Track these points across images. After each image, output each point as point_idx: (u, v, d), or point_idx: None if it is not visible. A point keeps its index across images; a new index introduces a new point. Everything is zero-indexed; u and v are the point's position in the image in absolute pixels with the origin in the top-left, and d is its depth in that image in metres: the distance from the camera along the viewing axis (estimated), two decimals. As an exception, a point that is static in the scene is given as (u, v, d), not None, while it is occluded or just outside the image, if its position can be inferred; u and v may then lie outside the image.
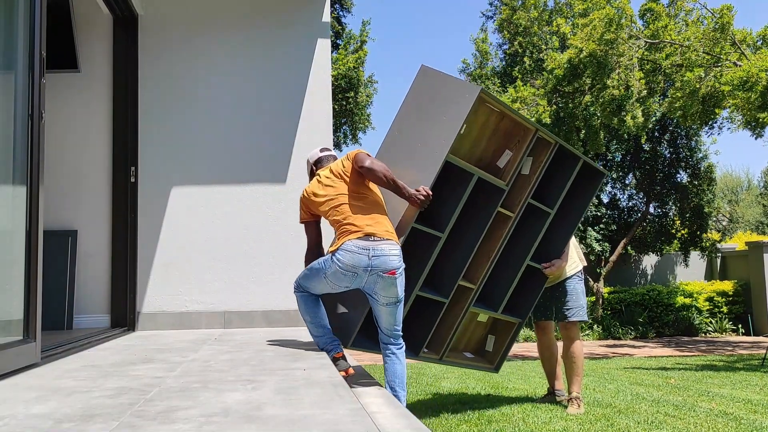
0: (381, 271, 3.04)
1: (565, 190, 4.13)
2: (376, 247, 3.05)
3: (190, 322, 4.76)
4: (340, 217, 3.14)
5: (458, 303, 3.83)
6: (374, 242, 3.05)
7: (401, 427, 2.00)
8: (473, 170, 3.50)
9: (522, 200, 3.87)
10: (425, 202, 3.22)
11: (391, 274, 3.04)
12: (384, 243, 3.07)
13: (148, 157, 4.84)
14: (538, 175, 3.91)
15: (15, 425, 1.74)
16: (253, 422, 1.74)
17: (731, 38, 9.78)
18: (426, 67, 3.64)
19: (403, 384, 3.17)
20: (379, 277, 3.05)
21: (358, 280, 3.08)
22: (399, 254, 3.10)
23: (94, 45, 4.88)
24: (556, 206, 4.10)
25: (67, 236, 4.67)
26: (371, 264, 3.03)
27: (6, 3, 2.87)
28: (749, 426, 3.96)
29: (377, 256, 3.03)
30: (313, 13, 5.06)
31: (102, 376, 2.60)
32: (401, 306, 3.16)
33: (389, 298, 3.11)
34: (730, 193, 27.42)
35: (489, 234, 3.84)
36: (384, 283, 3.06)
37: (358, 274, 3.06)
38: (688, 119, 10.07)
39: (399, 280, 3.08)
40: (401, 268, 3.10)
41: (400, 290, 3.11)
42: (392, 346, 3.20)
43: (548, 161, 3.93)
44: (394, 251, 3.08)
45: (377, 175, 3.14)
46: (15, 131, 2.82)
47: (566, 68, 10.57)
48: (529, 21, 13.37)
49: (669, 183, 14.73)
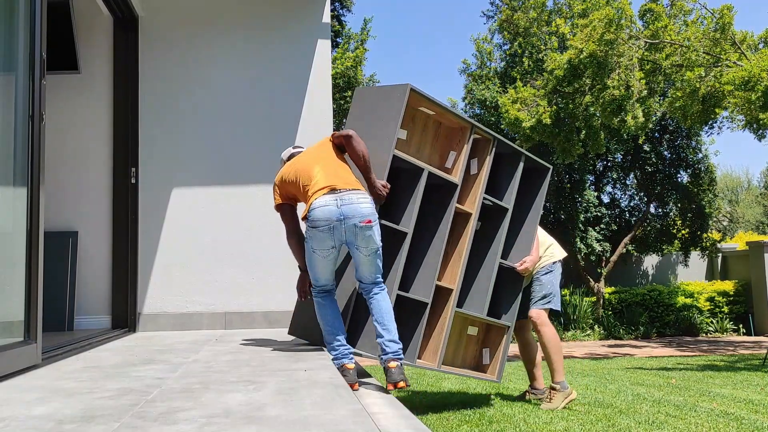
0: (357, 221, 3.07)
1: (515, 185, 4.26)
2: (342, 197, 3.10)
3: (191, 323, 4.76)
4: (309, 184, 3.21)
5: (443, 306, 3.91)
6: (339, 193, 3.11)
7: (402, 428, 2.00)
8: (422, 165, 3.65)
9: (477, 197, 4.03)
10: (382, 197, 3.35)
11: (367, 222, 3.08)
12: (350, 192, 3.13)
13: (148, 158, 4.84)
14: (486, 171, 4.05)
15: (16, 426, 1.74)
16: (254, 423, 1.74)
17: (731, 38, 9.78)
18: (359, 89, 3.87)
19: (391, 317, 3.17)
20: (356, 228, 3.08)
21: (338, 235, 3.10)
22: (369, 202, 3.15)
23: (95, 46, 4.88)
24: (511, 202, 4.22)
25: (68, 237, 4.67)
26: (342, 212, 3.07)
27: (6, 4, 2.87)
28: (750, 426, 3.96)
29: (346, 204, 3.08)
30: (313, 13, 5.06)
31: (103, 377, 2.60)
32: (380, 253, 3.20)
33: (370, 248, 3.14)
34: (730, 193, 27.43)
35: (455, 235, 3.99)
36: (362, 234, 3.10)
37: (334, 227, 3.08)
38: (688, 119, 10.07)
39: (375, 228, 3.12)
40: (375, 216, 3.14)
41: (377, 238, 3.15)
42: (375, 289, 3.21)
43: (491, 155, 4.08)
44: (362, 198, 3.14)
45: (355, 146, 3.24)
46: (16, 132, 2.82)
47: (566, 69, 10.57)
48: (528, 22, 13.37)
49: (669, 183, 14.74)
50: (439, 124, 4.04)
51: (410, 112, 3.82)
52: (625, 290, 13.95)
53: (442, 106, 3.86)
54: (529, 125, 10.96)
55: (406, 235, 3.57)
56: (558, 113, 11.06)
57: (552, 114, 10.93)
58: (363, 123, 3.69)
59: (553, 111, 10.97)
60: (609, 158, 15.08)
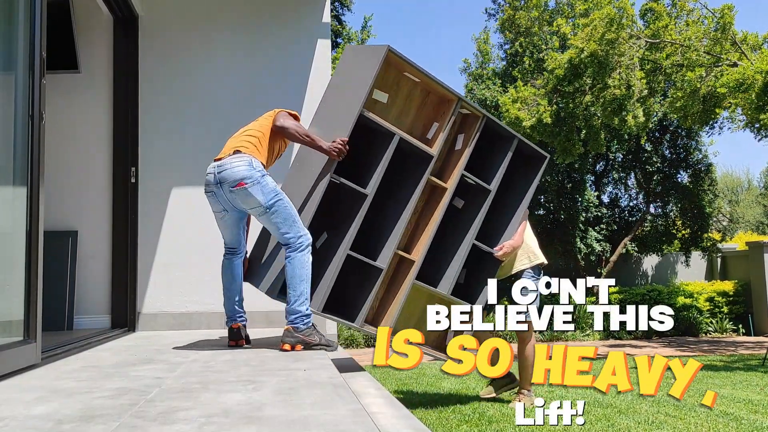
0: (230, 186, 3.19)
1: (503, 168, 4.14)
2: (222, 164, 3.26)
3: (191, 323, 4.75)
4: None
5: (401, 277, 3.88)
6: (221, 160, 3.28)
7: (402, 428, 2.00)
8: (394, 130, 3.61)
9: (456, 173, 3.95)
10: (342, 151, 3.37)
11: (239, 186, 3.18)
12: (229, 157, 3.27)
13: (148, 158, 4.83)
14: (470, 147, 3.97)
15: (15, 426, 1.74)
16: (253, 423, 1.74)
17: (732, 38, 9.78)
18: (350, 46, 3.85)
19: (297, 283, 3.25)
20: (231, 193, 3.21)
21: (221, 199, 3.28)
22: (247, 164, 3.21)
23: (95, 46, 4.88)
24: (495, 184, 4.11)
25: (68, 237, 4.67)
26: (217, 178, 3.25)
27: (6, 4, 2.87)
28: (750, 426, 3.96)
29: (221, 170, 3.24)
30: (313, 13, 5.06)
31: (102, 376, 2.60)
32: (281, 212, 3.23)
33: (255, 209, 3.24)
34: (730, 193, 27.41)
35: (428, 207, 3.96)
36: (239, 196, 3.22)
37: (215, 192, 3.28)
38: (688, 119, 10.07)
39: (254, 188, 3.18)
40: (253, 178, 3.19)
41: (261, 198, 3.19)
42: (287, 251, 3.28)
43: (478, 132, 3.99)
44: (237, 162, 3.23)
45: (290, 132, 3.37)
46: (15, 132, 2.82)
47: (567, 68, 10.57)
48: (529, 21, 13.37)
49: (669, 183, 14.73)
50: (427, 93, 3.93)
51: (395, 76, 3.77)
52: (625, 290, 13.93)
53: (425, 73, 3.78)
54: (529, 124, 10.96)
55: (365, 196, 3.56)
56: (558, 113, 11.06)
57: (552, 113, 10.93)
58: (344, 79, 3.75)
59: (553, 110, 10.97)
60: (609, 158, 15.08)
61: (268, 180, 3.25)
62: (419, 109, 3.97)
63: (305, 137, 3.38)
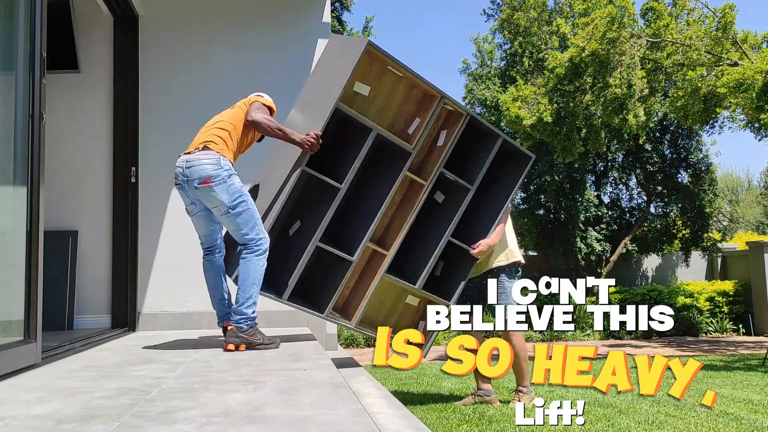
0: (196, 183, 3.21)
1: (485, 168, 4.11)
2: (189, 159, 3.26)
3: (191, 323, 4.75)
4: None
5: (373, 269, 3.89)
6: (190, 154, 3.28)
7: (402, 428, 2.00)
8: (371, 125, 3.61)
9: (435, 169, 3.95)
10: (315, 145, 3.39)
11: (205, 183, 3.19)
12: (197, 153, 3.27)
13: (148, 157, 4.83)
14: (450, 145, 3.95)
15: (16, 426, 1.74)
16: (254, 423, 1.74)
17: (733, 38, 9.77)
18: (334, 35, 3.84)
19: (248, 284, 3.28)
20: (197, 190, 3.23)
21: (189, 194, 3.30)
22: (214, 162, 3.22)
23: (95, 45, 4.88)
24: (475, 182, 4.08)
25: (68, 237, 4.67)
26: (185, 174, 3.25)
27: (7, 4, 2.87)
28: (750, 426, 3.96)
29: (189, 166, 3.24)
30: (313, 13, 5.06)
31: (103, 376, 2.60)
32: (243, 214, 3.26)
33: (218, 207, 3.26)
34: (731, 193, 27.40)
35: (406, 201, 3.97)
36: (203, 194, 3.24)
37: (183, 187, 3.29)
38: (689, 119, 10.07)
39: (219, 188, 3.20)
40: (219, 177, 3.20)
41: (225, 198, 3.21)
42: (244, 252, 3.32)
43: (459, 132, 3.96)
44: (204, 159, 3.23)
45: (262, 127, 3.38)
46: (16, 132, 2.82)
47: (567, 67, 10.56)
48: (528, 21, 13.36)
49: (670, 183, 14.73)
50: (411, 88, 3.90)
51: (379, 70, 3.76)
52: (625, 290, 13.93)
53: (407, 69, 3.77)
54: (529, 123, 10.95)
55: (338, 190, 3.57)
56: (559, 111, 11.06)
57: (553, 112, 10.92)
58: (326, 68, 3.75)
59: (553, 109, 10.96)
60: (609, 158, 15.07)
61: (234, 180, 3.28)
62: (403, 103, 3.94)
63: (277, 131, 3.40)
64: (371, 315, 4.09)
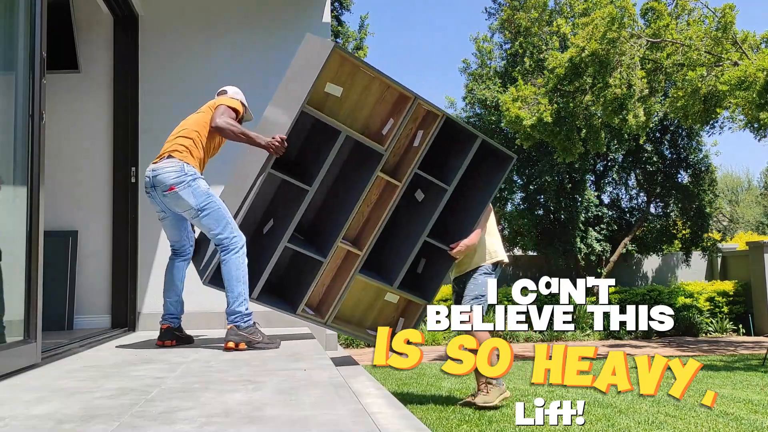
0: (162, 189, 3.28)
1: (462, 168, 4.05)
2: (155, 168, 3.32)
3: (191, 323, 4.74)
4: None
5: (347, 269, 3.89)
6: (155, 164, 3.34)
7: (402, 428, 2.00)
8: (340, 127, 3.60)
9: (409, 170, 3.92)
10: (280, 148, 3.41)
11: (170, 190, 3.26)
12: (161, 162, 3.32)
13: (148, 157, 4.81)
14: (425, 146, 3.91)
15: (16, 426, 1.74)
16: (254, 423, 1.74)
17: (733, 38, 9.78)
18: (309, 35, 3.83)
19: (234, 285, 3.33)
20: (165, 197, 3.30)
21: (157, 201, 3.38)
22: (178, 170, 3.27)
23: (95, 45, 4.88)
24: (452, 183, 4.03)
25: (68, 236, 4.67)
26: (152, 182, 3.32)
27: (7, 3, 2.87)
28: (750, 426, 3.96)
29: (155, 175, 3.30)
30: (313, 13, 5.06)
31: (103, 376, 2.60)
32: (212, 213, 3.30)
33: (188, 211, 3.33)
34: (731, 193, 27.40)
35: (381, 202, 3.96)
36: (171, 200, 3.31)
37: (152, 195, 3.37)
38: (689, 119, 10.07)
39: (185, 192, 3.25)
40: (184, 182, 3.26)
41: (192, 201, 3.27)
42: (222, 253, 3.36)
43: (435, 133, 3.91)
44: (168, 168, 3.29)
45: (226, 133, 3.40)
46: (15, 131, 2.82)
47: (567, 67, 10.56)
48: (529, 21, 13.36)
49: (670, 183, 14.73)
50: (386, 88, 3.84)
51: (351, 69, 3.72)
52: (625, 290, 13.93)
53: (377, 71, 3.74)
54: (529, 123, 10.95)
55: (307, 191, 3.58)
56: (559, 112, 11.06)
57: (553, 112, 10.92)
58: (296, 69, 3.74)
59: (553, 109, 10.96)
60: (609, 158, 15.07)
61: (199, 183, 3.31)
62: (378, 103, 3.89)
63: (240, 135, 3.41)
64: (348, 312, 4.11)
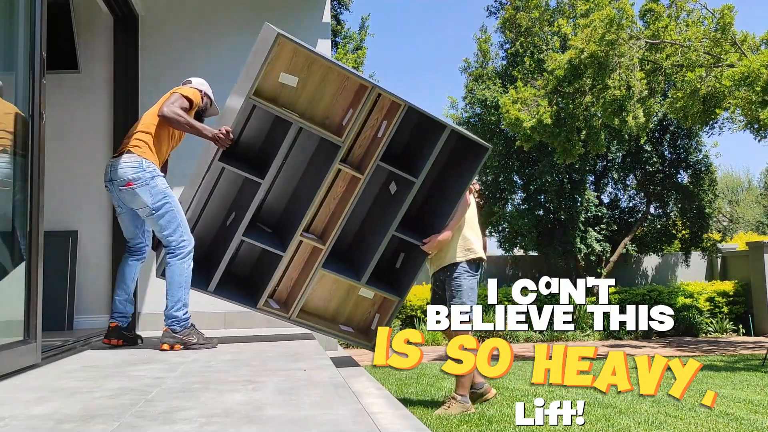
0: (119, 184, 3.27)
1: (431, 159, 3.94)
2: (114, 163, 3.32)
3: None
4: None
5: (312, 263, 3.86)
6: (114, 158, 3.35)
7: (402, 428, 2.00)
8: (290, 118, 3.56)
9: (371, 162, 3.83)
10: (225, 140, 3.40)
11: (127, 186, 3.25)
12: (121, 156, 3.32)
13: (148, 158, 4.83)
14: (388, 136, 3.81)
15: (16, 426, 1.74)
16: (254, 423, 1.74)
17: (732, 39, 9.78)
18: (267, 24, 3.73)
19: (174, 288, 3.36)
20: (121, 192, 3.29)
21: (114, 195, 3.37)
22: (135, 165, 3.26)
23: (95, 45, 4.88)
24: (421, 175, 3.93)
25: (68, 237, 4.67)
26: (110, 177, 3.32)
27: (7, 4, 2.87)
28: (750, 426, 3.96)
29: (113, 170, 3.30)
30: (313, 13, 5.07)
31: (103, 376, 2.60)
32: (166, 215, 3.30)
33: (142, 209, 3.31)
34: (731, 194, 27.40)
35: (345, 195, 3.91)
36: (127, 196, 3.30)
37: (110, 189, 3.36)
38: (689, 120, 10.07)
39: (141, 190, 3.25)
40: (142, 179, 3.25)
41: (147, 199, 3.26)
42: (167, 257, 3.36)
43: (398, 122, 3.81)
44: (126, 162, 3.28)
45: (172, 123, 3.38)
46: (15, 131, 2.82)
47: (567, 69, 10.57)
48: (530, 21, 13.36)
49: (669, 183, 14.73)
50: (346, 78, 3.75)
51: (306, 59, 3.64)
52: (625, 290, 13.93)
53: (330, 60, 3.68)
54: (529, 125, 10.96)
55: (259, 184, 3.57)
56: (558, 113, 11.06)
57: (552, 114, 10.93)
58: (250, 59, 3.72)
59: (553, 111, 10.97)
60: (609, 158, 15.08)
61: (157, 182, 3.30)
62: (338, 94, 3.80)
63: (186, 126, 3.39)
64: (320, 307, 4.08)
